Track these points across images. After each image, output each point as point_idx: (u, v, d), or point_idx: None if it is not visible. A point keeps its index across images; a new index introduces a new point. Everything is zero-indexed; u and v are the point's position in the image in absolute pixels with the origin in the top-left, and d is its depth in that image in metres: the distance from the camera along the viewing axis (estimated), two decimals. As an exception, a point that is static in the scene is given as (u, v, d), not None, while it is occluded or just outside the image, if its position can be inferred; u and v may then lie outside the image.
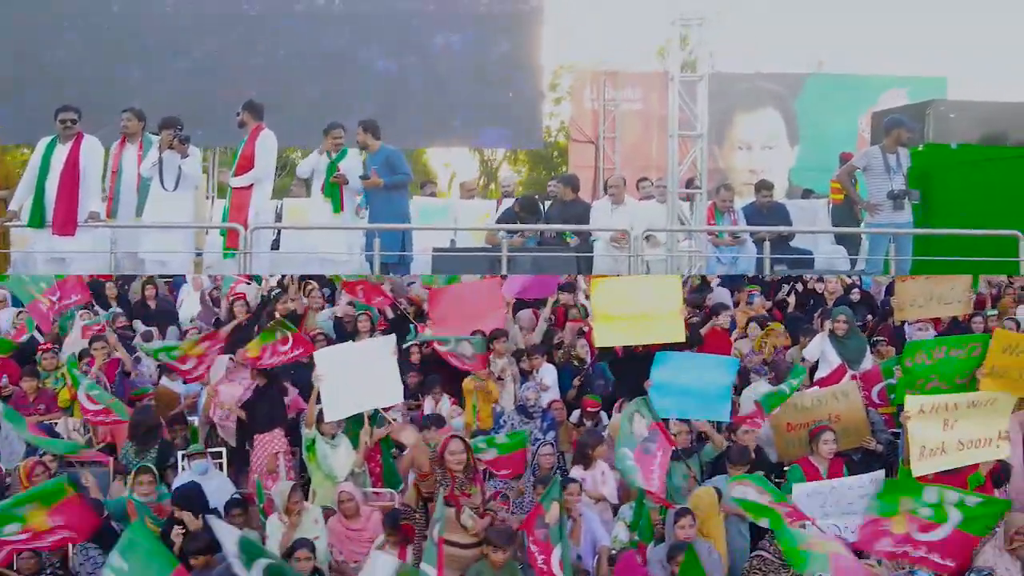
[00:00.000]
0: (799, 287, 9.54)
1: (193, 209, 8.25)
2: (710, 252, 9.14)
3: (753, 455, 6.23)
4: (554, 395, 7.27)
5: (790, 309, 9.32)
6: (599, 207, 9.77)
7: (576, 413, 7.18)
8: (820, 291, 9.34)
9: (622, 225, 8.76)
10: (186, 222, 8.15)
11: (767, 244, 8.54)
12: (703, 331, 7.83)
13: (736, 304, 9.17)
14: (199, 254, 9.09)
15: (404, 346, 7.79)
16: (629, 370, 6.97)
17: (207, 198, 12.60)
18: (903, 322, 8.20)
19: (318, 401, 6.22)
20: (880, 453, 6.54)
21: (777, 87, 15.67)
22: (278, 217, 10.53)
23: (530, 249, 8.87)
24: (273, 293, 8.57)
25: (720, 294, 9.36)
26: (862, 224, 8.92)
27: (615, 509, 6.02)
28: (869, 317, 8.90)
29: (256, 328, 7.40)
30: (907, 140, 8.35)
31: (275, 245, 9.59)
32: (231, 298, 8.20)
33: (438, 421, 6.40)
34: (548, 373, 7.39)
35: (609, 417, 6.92)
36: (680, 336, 6.63)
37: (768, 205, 9.66)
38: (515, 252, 8.48)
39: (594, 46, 27.31)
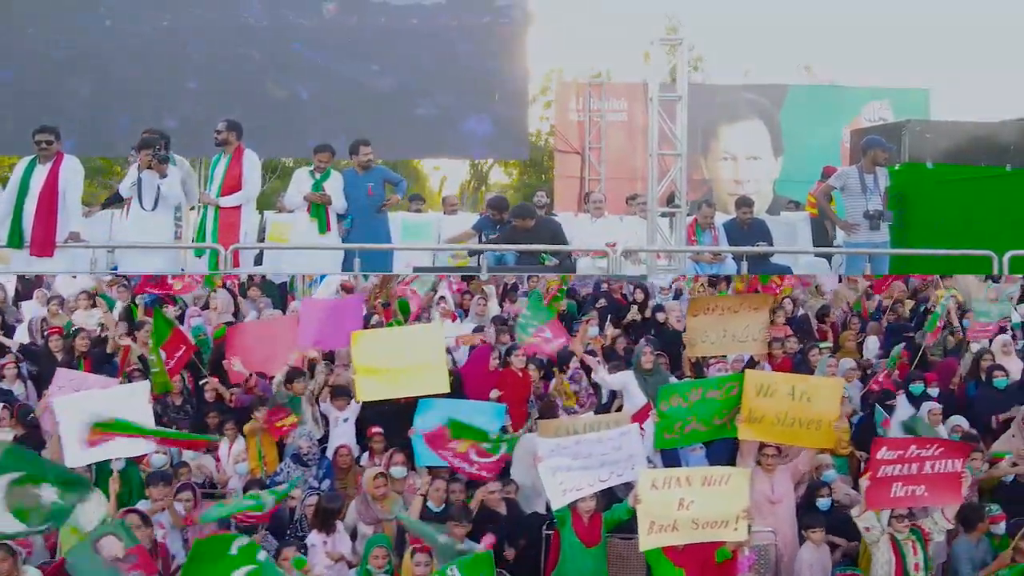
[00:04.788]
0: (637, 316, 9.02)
1: (173, 229, 8.21)
2: (689, 270, 9.20)
3: (504, 511, 6.20)
4: (347, 438, 7.07)
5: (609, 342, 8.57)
6: (580, 221, 9.80)
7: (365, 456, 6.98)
8: (663, 320, 8.88)
9: (602, 239, 8.83)
10: (166, 242, 8.12)
11: (745, 262, 8.59)
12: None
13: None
14: (181, 272, 9.09)
15: (200, 383, 7.74)
16: (396, 421, 6.75)
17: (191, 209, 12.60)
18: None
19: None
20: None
21: (761, 98, 15.74)
22: (261, 231, 10.55)
23: (511, 268, 8.91)
24: (74, 329, 8.42)
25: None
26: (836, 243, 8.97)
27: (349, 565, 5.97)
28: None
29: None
30: (883, 160, 8.40)
31: (258, 261, 9.64)
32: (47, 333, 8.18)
33: (164, 477, 6.25)
34: (353, 412, 7.20)
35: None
36: (444, 387, 6.42)
37: (748, 221, 9.70)
38: (495, 271, 8.54)
39: (581, 56, 27.44)
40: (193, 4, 12.25)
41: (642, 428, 6.44)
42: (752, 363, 7.54)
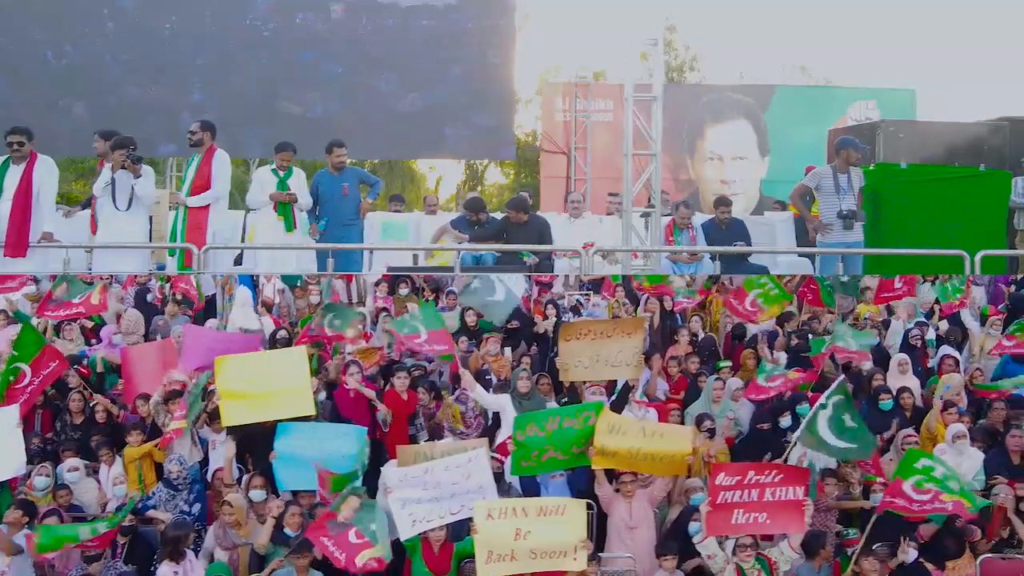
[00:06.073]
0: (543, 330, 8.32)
1: (147, 229, 8.22)
2: (665, 269, 9.21)
3: None
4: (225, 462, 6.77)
5: None
6: (559, 221, 9.81)
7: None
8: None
9: (579, 239, 8.83)
10: (139, 242, 8.14)
11: (718, 262, 8.59)
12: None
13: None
14: (160, 268, 9.11)
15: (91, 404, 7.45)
16: (261, 445, 6.57)
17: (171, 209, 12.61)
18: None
19: None
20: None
21: (747, 98, 15.74)
22: (243, 231, 10.56)
23: (489, 268, 8.92)
24: None
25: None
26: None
27: None
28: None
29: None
30: (856, 160, 8.41)
31: (238, 261, 9.65)
32: None
33: (24, 505, 6.08)
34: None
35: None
36: (309, 409, 6.41)
37: (726, 221, 9.71)
38: (470, 271, 8.54)
39: (578, 56, 27.44)
40: (196, 4, 12.29)
41: (504, 457, 6.42)
42: (627, 387, 7.30)
